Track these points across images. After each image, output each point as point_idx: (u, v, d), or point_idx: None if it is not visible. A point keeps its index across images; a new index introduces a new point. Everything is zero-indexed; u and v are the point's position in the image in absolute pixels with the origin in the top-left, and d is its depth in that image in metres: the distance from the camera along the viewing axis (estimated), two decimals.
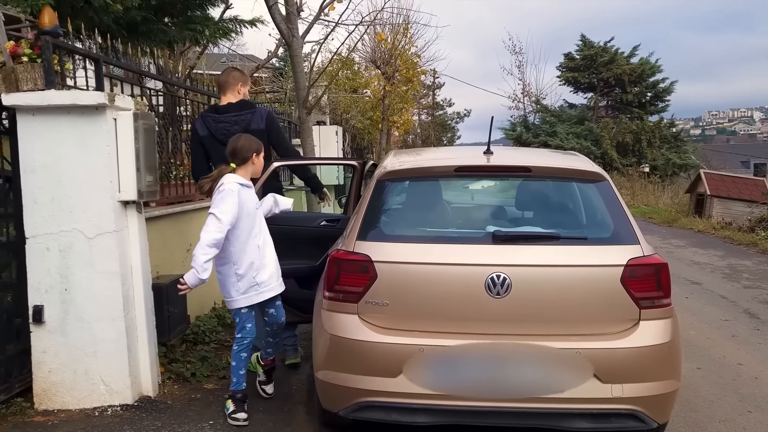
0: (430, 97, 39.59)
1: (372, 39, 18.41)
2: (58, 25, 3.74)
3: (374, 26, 13.60)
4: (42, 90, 3.68)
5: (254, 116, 4.70)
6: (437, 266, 3.22)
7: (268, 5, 7.45)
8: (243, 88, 4.81)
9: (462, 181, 4.21)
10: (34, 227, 3.79)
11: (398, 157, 4.11)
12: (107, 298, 3.82)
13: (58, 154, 3.76)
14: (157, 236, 4.84)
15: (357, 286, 3.30)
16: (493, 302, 3.13)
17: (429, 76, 31.84)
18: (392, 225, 3.51)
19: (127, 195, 3.88)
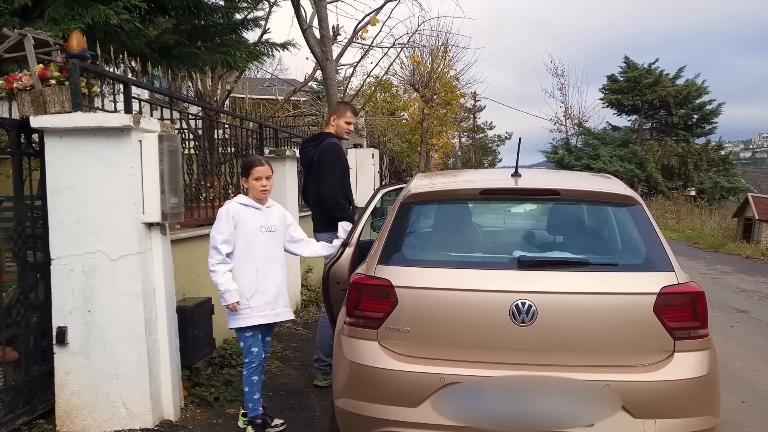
0: (470, 120, 39.49)
1: (410, 62, 18.45)
2: (86, 49, 3.78)
3: (410, 49, 13.60)
4: (69, 112, 3.72)
5: (316, 148, 4.98)
6: (460, 292, 3.09)
7: (303, 29, 7.53)
8: (335, 120, 5.11)
9: (490, 204, 4.08)
10: (60, 248, 3.81)
11: (423, 179, 4.01)
12: (129, 320, 3.81)
13: (83, 176, 3.78)
14: (185, 258, 4.83)
15: (377, 311, 3.20)
16: (518, 331, 2.99)
17: (469, 98, 31.81)
18: (415, 249, 3.40)
19: (151, 217, 3.87)
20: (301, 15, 7.42)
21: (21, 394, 3.77)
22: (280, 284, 3.99)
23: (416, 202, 3.56)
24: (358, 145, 15.03)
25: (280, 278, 3.98)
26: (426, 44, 16.55)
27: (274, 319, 3.96)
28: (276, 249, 4.01)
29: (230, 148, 6.36)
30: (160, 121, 4.10)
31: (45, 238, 3.87)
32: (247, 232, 3.86)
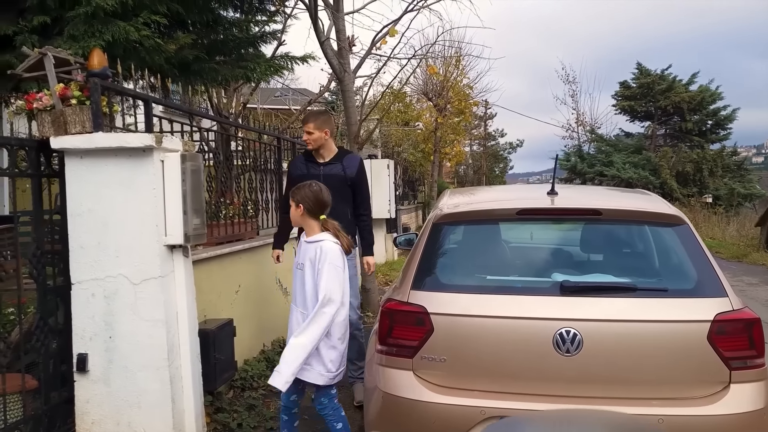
0: (481, 127, 39.36)
1: (424, 71, 18.35)
2: (107, 67, 3.68)
3: (426, 60, 13.49)
4: (90, 133, 3.61)
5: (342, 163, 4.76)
6: (500, 320, 2.95)
7: (320, 41, 7.41)
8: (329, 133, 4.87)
9: (525, 225, 3.93)
10: (80, 272, 3.70)
11: (454, 197, 3.88)
12: (151, 346, 3.68)
13: (104, 198, 3.67)
14: (205, 279, 4.71)
15: (412, 339, 3.06)
16: (563, 361, 2.84)
17: (481, 106, 31.68)
18: (450, 273, 3.26)
19: (174, 239, 3.75)
20: (318, 27, 7.31)
21: (41, 423, 3.64)
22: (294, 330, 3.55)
23: (448, 223, 3.43)
24: (373, 156, 14.97)
25: (294, 323, 3.59)
26: (440, 54, 16.49)
27: None
28: (299, 290, 3.60)
29: (248, 162, 6.25)
30: (182, 140, 3.98)
31: (65, 260, 3.76)
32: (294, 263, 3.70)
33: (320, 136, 4.68)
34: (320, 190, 3.62)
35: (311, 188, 3.62)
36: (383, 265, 12.40)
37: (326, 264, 3.39)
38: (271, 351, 5.91)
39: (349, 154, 4.90)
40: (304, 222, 3.61)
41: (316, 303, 3.36)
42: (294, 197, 3.62)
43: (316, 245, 3.49)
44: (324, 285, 3.37)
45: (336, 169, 4.72)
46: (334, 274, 3.40)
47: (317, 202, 3.58)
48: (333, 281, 3.39)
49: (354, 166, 4.74)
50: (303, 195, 3.59)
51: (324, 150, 4.77)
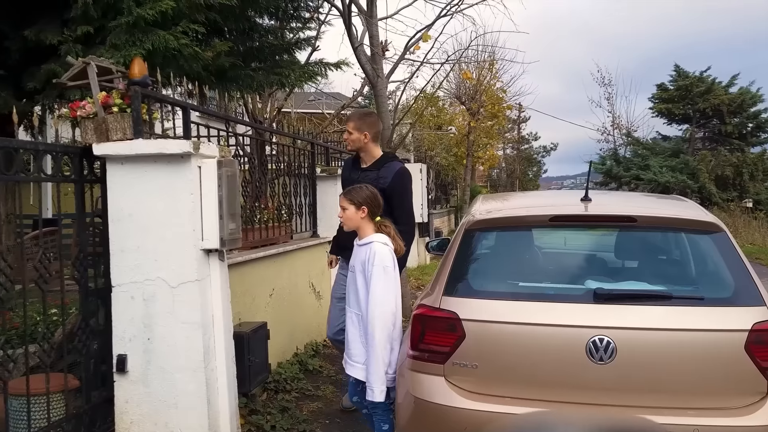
0: (515, 131, 39.10)
1: (457, 75, 18.32)
2: (148, 75, 3.78)
3: (459, 64, 13.49)
4: (130, 139, 3.71)
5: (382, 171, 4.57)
6: (532, 327, 2.95)
7: (354, 47, 7.48)
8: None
9: (558, 231, 3.90)
10: (120, 276, 3.80)
11: (487, 203, 3.88)
12: (188, 348, 3.76)
13: (144, 203, 3.76)
14: (240, 282, 4.79)
15: (443, 345, 3.08)
16: (596, 369, 2.83)
17: (514, 110, 31.48)
18: (482, 279, 3.27)
19: (210, 243, 3.82)
20: (352, 33, 7.38)
21: (82, 422, 3.75)
22: (349, 331, 3.72)
23: (481, 229, 3.43)
24: (406, 160, 14.99)
25: (349, 324, 3.73)
26: (473, 58, 16.43)
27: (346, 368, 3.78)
28: (352, 292, 3.71)
29: (283, 167, 6.34)
30: (218, 146, 4.07)
31: (106, 262, 3.87)
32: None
33: (359, 137, 4.54)
34: (377, 192, 3.74)
35: (369, 189, 3.70)
36: (415, 269, 12.42)
37: (376, 268, 3.47)
38: (304, 354, 5.97)
39: (390, 161, 4.61)
40: (362, 224, 3.66)
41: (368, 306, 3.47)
42: (353, 199, 3.66)
43: (367, 247, 3.57)
44: (375, 293, 3.46)
45: (371, 176, 4.51)
46: (384, 277, 3.46)
47: (378, 204, 3.69)
48: (385, 288, 3.46)
49: (389, 175, 4.46)
50: (364, 196, 3.66)
51: (364, 154, 4.63)
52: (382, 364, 3.42)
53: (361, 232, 3.68)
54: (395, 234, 3.68)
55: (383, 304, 3.45)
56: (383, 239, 3.59)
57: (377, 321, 3.43)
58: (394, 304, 3.50)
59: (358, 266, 3.61)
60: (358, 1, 7.65)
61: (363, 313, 3.54)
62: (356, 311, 3.63)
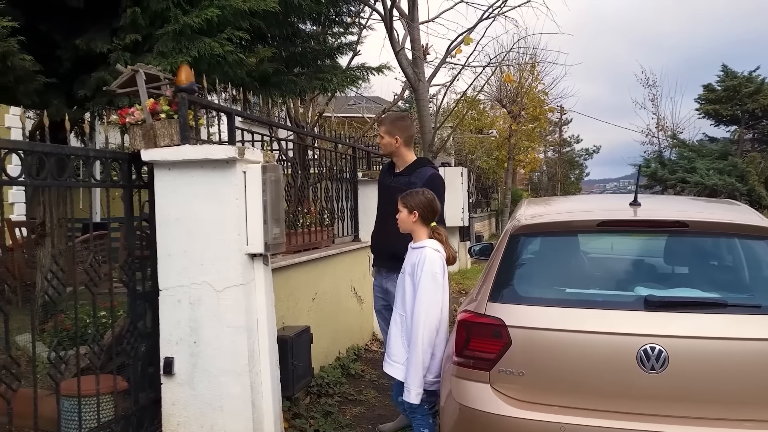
0: (556, 133, 38.62)
1: (498, 78, 18.19)
2: (194, 82, 3.83)
3: (501, 67, 13.38)
4: (177, 145, 3.77)
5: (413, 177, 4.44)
6: (581, 334, 2.89)
7: (395, 51, 7.49)
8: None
9: (605, 236, 3.82)
10: (167, 279, 3.86)
11: (532, 208, 3.82)
12: (233, 352, 3.79)
13: (190, 208, 3.82)
14: (283, 286, 4.82)
15: (489, 352, 3.04)
16: (647, 378, 2.75)
17: (556, 112, 31.10)
18: (528, 285, 3.22)
19: (255, 248, 3.86)
20: (393, 37, 7.39)
21: (130, 423, 3.82)
22: (392, 331, 3.75)
23: (526, 234, 3.38)
24: (446, 164, 14.93)
25: (392, 324, 3.75)
26: (515, 61, 16.28)
27: (384, 367, 3.79)
28: (399, 293, 3.74)
29: (325, 171, 6.37)
30: (262, 151, 4.10)
31: (153, 265, 3.93)
32: None
33: (390, 142, 4.43)
34: (433, 198, 3.74)
35: (425, 195, 3.72)
36: (456, 274, 12.35)
37: (425, 273, 3.48)
38: (346, 358, 5.98)
39: (423, 166, 4.45)
40: (414, 228, 3.70)
41: (414, 309, 3.49)
42: (407, 203, 3.71)
43: (419, 251, 3.60)
44: (422, 298, 3.46)
45: (402, 181, 4.36)
46: (434, 286, 3.47)
47: (432, 210, 3.70)
48: (433, 294, 3.47)
49: (419, 181, 4.25)
50: (418, 201, 3.69)
51: (397, 158, 4.54)
52: (422, 368, 3.44)
53: (415, 236, 3.73)
54: (447, 241, 3.70)
55: (429, 308, 3.46)
56: (435, 245, 3.61)
57: (421, 325, 3.45)
58: (439, 309, 3.51)
59: (408, 268, 3.63)
60: (399, 6, 7.67)
61: (407, 314, 3.56)
62: (401, 311, 3.66)
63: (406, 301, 3.61)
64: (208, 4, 4.47)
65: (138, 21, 4.55)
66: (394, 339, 3.69)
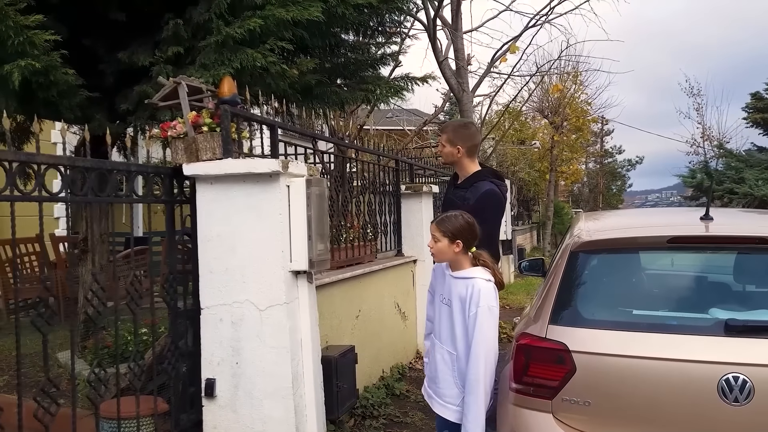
0: (598, 144, 37.94)
1: (540, 89, 17.87)
2: (237, 94, 3.72)
3: (546, 77, 13.11)
4: (219, 159, 3.66)
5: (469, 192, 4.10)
6: (653, 361, 2.65)
7: (438, 61, 7.32)
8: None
9: (673, 253, 3.55)
10: (209, 297, 3.73)
11: (593, 222, 3.59)
12: (276, 374, 3.64)
13: (232, 223, 3.69)
14: (327, 303, 4.66)
15: (551, 379, 2.81)
16: (729, 411, 2.50)
17: (598, 123, 30.52)
18: (591, 306, 2.99)
19: (299, 265, 3.71)
20: (437, 47, 7.23)
21: None
22: (439, 368, 3.30)
23: (588, 251, 3.15)
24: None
25: (439, 360, 3.31)
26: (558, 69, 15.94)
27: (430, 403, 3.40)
28: (445, 327, 3.29)
29: (368, 184, 6.22)
30: (306, 164, 3.97)
31: (195, 282, 3.81)
32: (435, 295, 3.48)
33: (451, 151, 4.12)
34: (473, 221, 3.27)
35: (464, 218, 3.26)
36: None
37: (482, 309, 3.07)
38: (390, 377, 5.79)
39: (481, 180, 4.09)
40: (455, 257, 3.24)
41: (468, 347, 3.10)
42: (446, 230, 3.22)
43: (467, 283, 3.15)
44: (481, 336, 3.06)
45: (459, 195, 4.13)
46: (492, 321, 3.09)
47: (473, 236, 3.24)
48: (491, 330, 3.09)
49: (475, 195, 4.00)
50: (458, 227, 3.21)
51: (459, 169, 4.21)
52: (484, 410, 3.08)
53: (456, 265, 3.27)
54: (493, 265, 3.30)
55: (489, 347, 3.08)
56: (484, 274, 3.18)
57: (482, 366, 3.05)
58: (496, 344, 3.16)
59: (456, 302, 3.18)
60: (442, 15, 7.51)
61: (459, 353, 3.17)
62: (450, 349, 3.23)
63: (456, 337, 3.18)
64: (250, 14, 4.38)
65: (180, 33, 4.48)
66: (445, 380, 3.26)
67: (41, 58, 3.90)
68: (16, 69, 3.71)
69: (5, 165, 2.68)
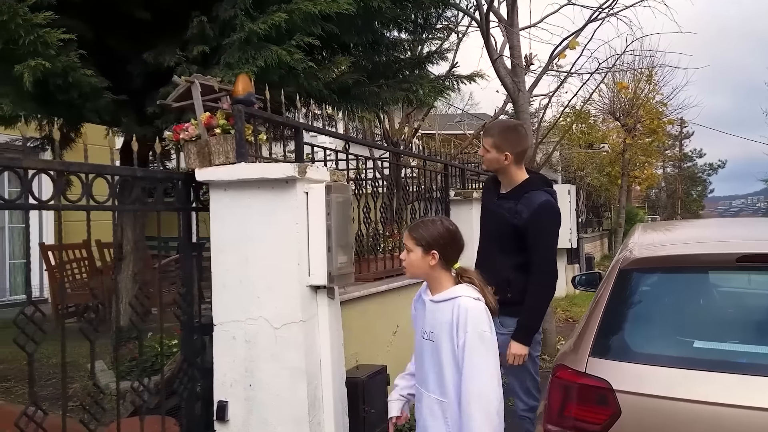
0: (676, 148, 36.24)
1: (610, 88, 17.02)
2: (252, 93, 3.44)
3: (613, 74, 12.39)
4: (233, 163, 3.38)
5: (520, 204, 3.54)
6: (718, 408, 2.17)
7: (492, 59, 6.88)
8: None
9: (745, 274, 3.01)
10: (222, 313, 3.46)
11: (648, 235, 3.11)
12: (291, 398, 3.32)
13: (247, 233, 3.40)
14: (358, 318, 4.33)
15: (591, 422, 2.38)
16: None
17: (676, 125, 29.08)
18: (643, 337, 2.53)
19: (317, 279, 3.39)
20: (490, 44, 6.79)
21: None
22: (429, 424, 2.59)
23: (642, 270, 2.68)
24: (554, 181, 14.03)
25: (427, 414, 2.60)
26: (628, 67, 15.11)
27: None
28: (431, 370, 2.59)
29: (412, 190, 5.86)
30: (330, 170, 3.64)
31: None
32: (416, 330, 2.77)
33: (497, 158, 3.52)
34: (456, 228, 2.67)
35: (443, 225, 2.64)
36: (563, 300, 11.46)
37: (471, 335, 2.41)
38: None
39: (534, 190, 3.52)
40: (432, 273, 2.61)
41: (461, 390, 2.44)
42: (419, 237, 2.60)
43: (452, 304, 2.49)
44: (473, 373, 2.39)
45: (506, 206, 3.55)
46: (485, 351, 2.41)
47: (455, 246, 2.63)
48: (486, 362, 2.41)
49: (529, 210, 3.44)
50: (436, 235, 2.59)
51: (504, 177, 3.63)
52: None
53: (435, 284, 2.63)
54: (484, 285, 2.59)
55: (485, 388, 2.40)
56: (471, 292, 2.52)
57: (477, 415, 2.38)
58: (497, 384, 2.44)
59: (441, 333, 2.51)
60: (497, 10, 7.07)
61: (451, 399, 2.49)
62: (439, 397, 2.54)
63: (444, 380, 2.50)
64: (275, 9, 4.10)
65: (206, 31, 4.26)
66: None
67: (57, 58, 3.74)
68: (26, 70, 3.56)
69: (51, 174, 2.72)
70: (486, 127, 3.65)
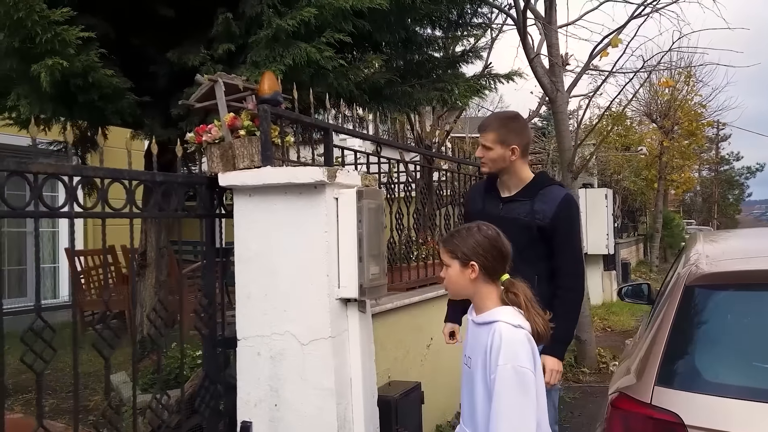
0: (712, 151, 35.39)
1: (646, 89, 16.53)
2: (279, 92, 3.22)
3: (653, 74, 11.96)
4: (258, 167, 3.16)
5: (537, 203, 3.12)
6: None
7: (529, 58, 6.60)
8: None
9: None
10: (246, 327, 3.23)
11: (713, 245, 2.81)
12: (320, 420, 3.08)
13: (273, 241, 3.18)
14: (391, 332, 4.09)
15: None
16: None
17: (713, 127, 28.33)
18: (717, 363, 2.23)
19: (348, 291, 3.15)
20: (527, 42, 6.51)
21: None
22: None
23: (712, 287, 2.39)
24: (589, 185, 13.66)
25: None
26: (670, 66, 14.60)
27: None
28: (466, 400, 2.28)
29: (446, 195, 5.60)
30: (361, 174, 3.41)
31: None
32: None
33: (503, 155, 3.06)
34: (497, 234, 2.27)
35: (481, 231, 2.26)
36: (600, 308, 11.06)
37: (502, 371, 2.02)
38: None
39: (548, 186, 3.13)
40: (475, 288, 2.23)
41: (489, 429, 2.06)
42: (455, 248, 2.25)
43: (489, 329, 2.12)
44: (501, 412, 2.02)
45: (520, 209, 3.09)
46: (518, 386, 2.02)
47: (498, 254, 2.23)
48: (517, 401, 2.03)
49: (551, 206, 3.03)
50: (470, 244, 2.22)
51: (509, 177, 3.16)
52: None
53: (479, 302, 2.25)
54: (532, 304, 2.19)
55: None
56: (512, 317, 2.13)
57: None
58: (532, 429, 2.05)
59: (478, 360, 2.14)
60: (534, 7, 6.78)
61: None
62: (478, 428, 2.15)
63: (476, 414, 2.15)
64: (304, 4, 3.88)
65: (231, 29, 4.06)
66: None
67: (77, 57, 3.56)
68: (44, 69, 3.38)
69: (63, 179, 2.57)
70: (481, 124, 3.17)
